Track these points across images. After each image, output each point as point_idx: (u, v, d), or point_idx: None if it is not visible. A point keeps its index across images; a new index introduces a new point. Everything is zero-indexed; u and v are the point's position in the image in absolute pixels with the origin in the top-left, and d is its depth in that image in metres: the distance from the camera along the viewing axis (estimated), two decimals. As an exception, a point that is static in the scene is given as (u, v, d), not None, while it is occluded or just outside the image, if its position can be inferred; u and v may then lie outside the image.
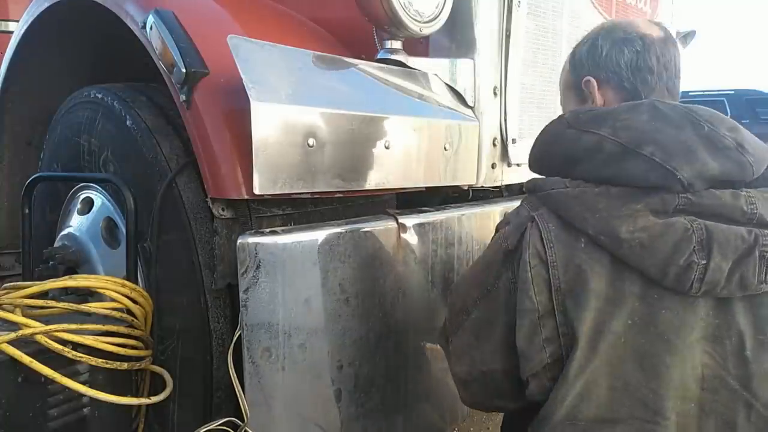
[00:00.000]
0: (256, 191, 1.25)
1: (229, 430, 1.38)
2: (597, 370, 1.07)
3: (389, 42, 1.68)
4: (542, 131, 1.24)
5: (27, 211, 1.84)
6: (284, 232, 1.31)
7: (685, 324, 1.07)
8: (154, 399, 1.47)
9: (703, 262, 1.03)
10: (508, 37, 1.84)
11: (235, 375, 1.32)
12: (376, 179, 1.47)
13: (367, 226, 1.43)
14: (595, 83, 1.27)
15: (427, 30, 1.65)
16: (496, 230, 1.27)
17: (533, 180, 1.23)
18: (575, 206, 1.09)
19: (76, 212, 1.93)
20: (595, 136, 1.11)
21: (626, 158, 1.07)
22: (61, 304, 1.46)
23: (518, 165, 1.94)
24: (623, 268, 1.06)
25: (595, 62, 1.27)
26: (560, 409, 1.07)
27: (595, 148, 1.10)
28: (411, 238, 1.54)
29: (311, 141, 1.31)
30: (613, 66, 1.24)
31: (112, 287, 1.48)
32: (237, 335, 1.31)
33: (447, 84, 1.77)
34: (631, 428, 1.07)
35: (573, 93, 1.34)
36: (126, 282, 1.53)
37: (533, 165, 1.27)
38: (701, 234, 1.04)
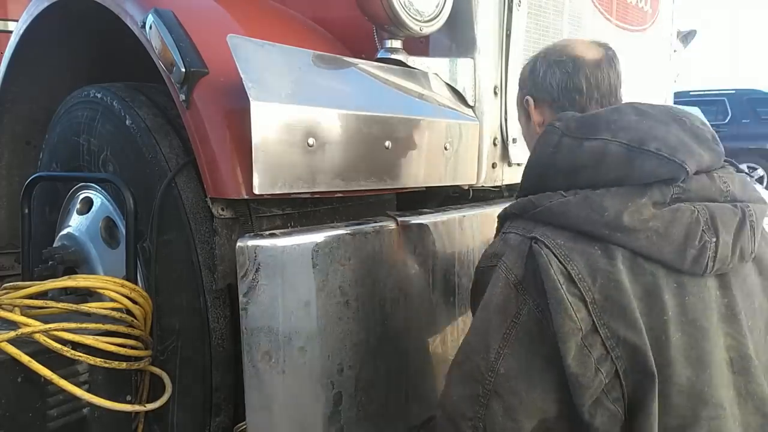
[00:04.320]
0: (256, 191, 1.25)
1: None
2: (661, 374, 1.02)
3: (389, 41, 1.68)
4: (537, 146, 1.21)
5: (26, 211, 1.84)
6: (283, 234, 1.30)
7: (707, 307, 1.08)
8: (150, 406, 1.47)
9: (714, 240, 1.06)
10: (508, 36, 1.84)
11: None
12: (376, 179, 1.46)
13: (367, 228, 1.42)
14: (532, 102, 1.35)
15: (428, 29, 1.64)
16: (481, 271, 1.19)
17: (518, 203, 1.19)
18: (582, 211, 1.07)
19: (75, 212, 1.93)
20: (597, 142, 1.10)
21: (635, 159, 1.07)
22: (60, 304, 1.46)
23: (519, 165, 1.93)
24: (641, 263, 1.05)
25: (533, 82, 1.34)
26: (654, 428, 1.01)
27: (600, 153, 1.10)
28: (411, 239, 1.53)
29: (311, 141, 1.31)
30: (547, 86, 1.30)
31: (111, 287, 1.48)
32: None
33: (447, 83, 1.76)
34: (701, 430, 1.04)
35: (521, 109, 1.41)
36: (125, 282, 1.53)
37: (533, 183, 1.20)
38: (705, 214, 1.07)
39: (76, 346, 1.35)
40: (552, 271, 1.02)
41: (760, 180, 12.01)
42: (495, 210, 1.81)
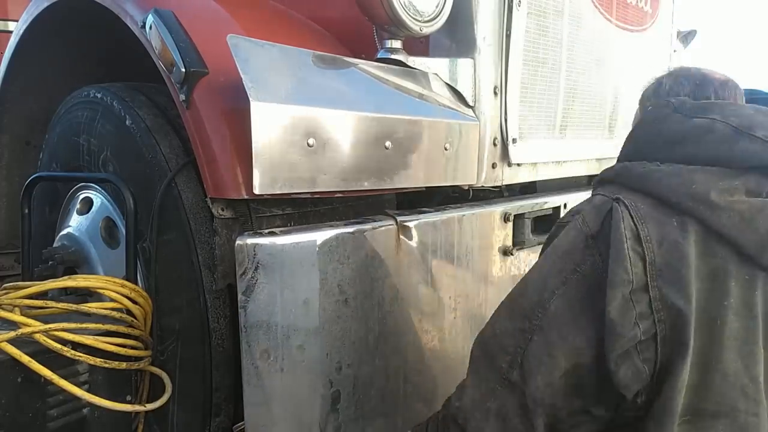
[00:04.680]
0: (256, 191, 1.25)
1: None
2: (706, 356, 1.03)
3: (389, 41, 1.68)
4: (646, 116, 1.25)
5: (26, 211, 1.84)
6: (283, 233, 1.31)
7: None
8: (150, 406, 1.47)
9: None
10: (508, 36, 1.84)
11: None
12: (376, 179, 1.46)
13: (367, 227, 1.42)
14: None
15: (428, 29, 1.64)
16: (559, 225, 1.22)
17: (614, 168, 1.21)
18: (671, 180, 1.09)
19: (75, 212, 1.93)
20: (705, 120, 1.12)
21: (739, 139, 1.08)
22: (60, 304, 1.46)
23: (518, 165, 1.93)
24: (716, 243, 1.04)
25: (657, 95, 1.32)
26: (677, 401, 1.01)
27: (705, 129, 1.11)
28: (410, 238, 1.54)
29: (311, 141, 1.31)
30: (674, 96, 1.28)
31: (111, 287, 1.48)
32: None
33: (447, 83, 1.76)
34: (734, 422, 1.04)
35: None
36: (125, 282, 1.53)
37: (632, 149, 1.24)
38: None
39: (76, 346, 1.35)
40: (622, 226, 1.05)
41: (760, 180, 11.98)
42: (495, 210, 1.82)
